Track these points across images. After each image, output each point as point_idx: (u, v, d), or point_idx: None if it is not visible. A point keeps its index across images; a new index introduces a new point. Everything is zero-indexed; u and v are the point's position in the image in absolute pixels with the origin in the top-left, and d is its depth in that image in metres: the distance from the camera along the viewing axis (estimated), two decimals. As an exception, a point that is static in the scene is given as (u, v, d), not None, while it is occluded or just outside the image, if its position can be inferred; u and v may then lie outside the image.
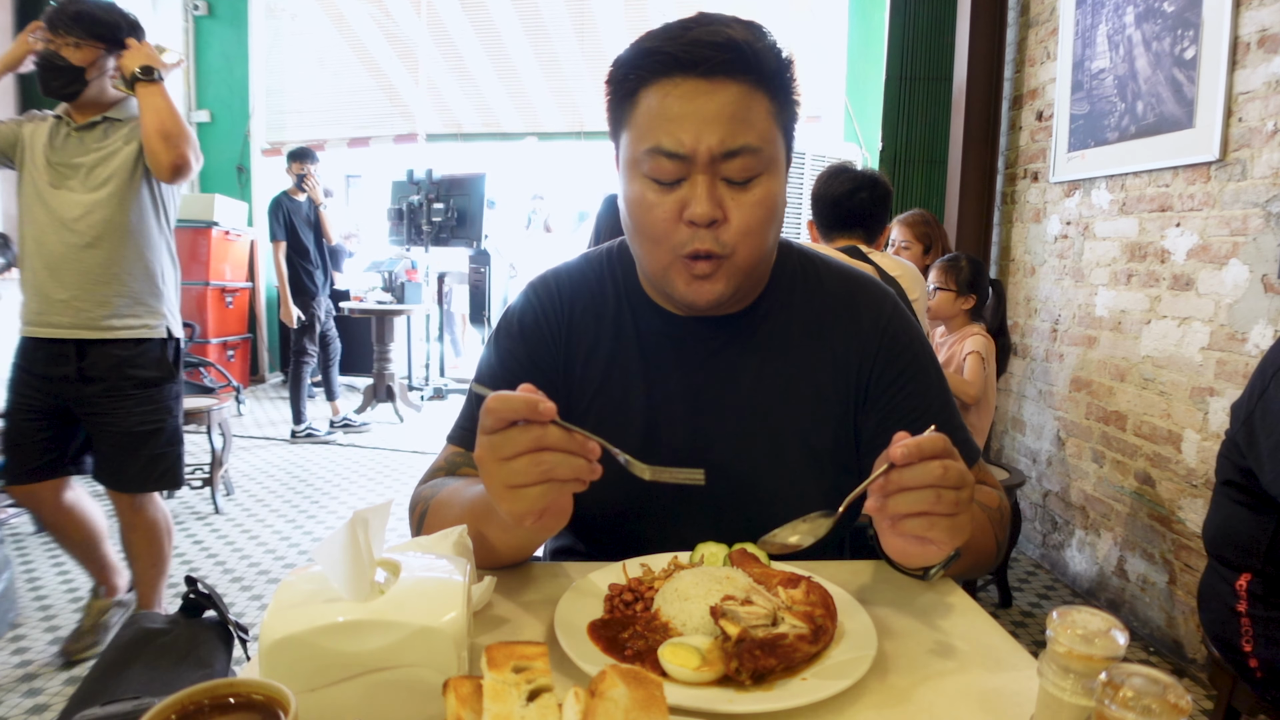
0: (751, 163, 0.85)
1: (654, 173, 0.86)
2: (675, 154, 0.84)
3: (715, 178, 0.85)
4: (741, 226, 0.86)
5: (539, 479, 0.68)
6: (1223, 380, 2.41)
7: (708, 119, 0.83)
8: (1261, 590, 1.42)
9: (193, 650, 0.87)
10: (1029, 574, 3.34)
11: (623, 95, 0.89)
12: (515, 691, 0.50)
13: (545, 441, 0.68)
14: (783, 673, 0.65)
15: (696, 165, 0.84)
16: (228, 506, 3.88)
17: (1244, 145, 2.35)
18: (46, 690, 2.25)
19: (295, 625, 0.57)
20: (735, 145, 0.83)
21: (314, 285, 5.20)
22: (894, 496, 0.71)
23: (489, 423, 0.69)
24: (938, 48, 4.16)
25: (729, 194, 0.86)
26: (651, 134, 0.85)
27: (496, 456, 0.68)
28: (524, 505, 0.69)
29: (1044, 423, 3.45)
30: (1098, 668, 0.52)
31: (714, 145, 0.83)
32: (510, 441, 0.68)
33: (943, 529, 0.71)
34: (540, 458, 0.68)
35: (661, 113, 0.84)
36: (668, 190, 0.86)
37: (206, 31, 6.72)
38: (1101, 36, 3.03)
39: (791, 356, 0.99)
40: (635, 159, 0.87)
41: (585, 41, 6.24)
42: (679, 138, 0.83)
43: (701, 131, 0.83)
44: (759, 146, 0.85)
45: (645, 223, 0.88)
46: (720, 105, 0.83)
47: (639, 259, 0.95)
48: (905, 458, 0.70)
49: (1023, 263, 3.68)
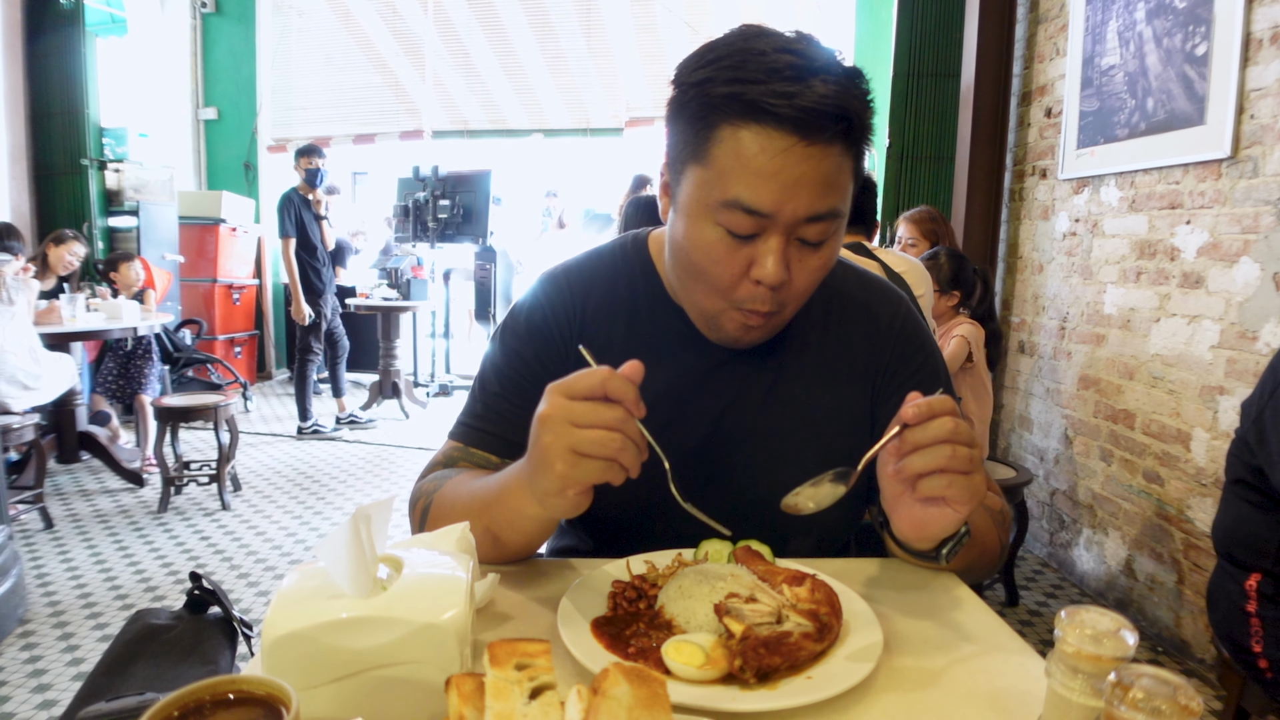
0: (830, 227, 0.81)
1: (729, 224, 0.80)
2: (759, 213, 0.78)
3: (790, 239, 0.81)
4: (801, 287, 0.84)
5: (606, 455, 0.69)
6: (1233, 379, 2.40)
7: (800, 183, 0.77)
8: (1271, 590, 1.41)
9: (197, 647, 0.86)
10: (1036, 572, 3.33)
11: (699, 125, 0.80)
12: (518, 689, 0.49)
13: (626, 428, 0.69)
14: (787, 671, 0.65)
15: (776, 226, 0.79)
16: (235, 502, 3.89)
17: (1256, 142, 2.33)
18: (55, 686, 2.26)
19: (298, 622, 0.57)
20: (822, 210, 0.79)
21: (321, 282, 5.20)
22: (910, 457, 0.71)
23: (582, 389, 0.69)
24: (946, 44, 4.14)
25: (798, 255, 0.82)
26: (735, 185, 0.78)
27: (571, 420, 0.69)
28: (581, 474, 0.70)
29: (1052, 421, 3.43)
30: (1107, 668, 0.51)
31: (800, 210, 0.78)
32: (594, 412, 0.69)
33: (961, 486, 0.71)
34: (614, 437, 0.68)
35: (750, 166, 0.77)
36: (739, 244, 0.81)
37: (214, 29, 6.73)
38: (1112, 32, 3.00)
39: (806, 358, 0.98)
40: (709, 204, 0.80)
41: (592, 39, 6.22)
42: (765, 197, 0.77)
43: (789, 195, 0.77)
44: (842, 210, 0.81)
45: (710, 273, 0.84)
46: (814, 169, 0.77)
47: (689, 298, 0.91)
48: (916, 416, 0.70)
49: (1031, 260, 3.66)
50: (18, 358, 3.44)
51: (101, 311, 4.28)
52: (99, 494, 3.98)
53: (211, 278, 6.29)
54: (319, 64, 6.78)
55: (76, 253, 4.54)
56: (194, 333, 5.68)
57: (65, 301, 4.11)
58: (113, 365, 4.52)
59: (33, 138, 5.64)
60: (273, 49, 6.77)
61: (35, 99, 5.60)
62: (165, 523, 3.59)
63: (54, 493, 3.94)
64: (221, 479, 3.84)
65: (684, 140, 0.82)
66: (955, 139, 4.12)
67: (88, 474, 4.30)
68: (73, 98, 5.60)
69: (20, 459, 3.70)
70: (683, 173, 0.83)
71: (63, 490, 4.02)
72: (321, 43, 6.75)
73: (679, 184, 0.84)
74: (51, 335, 3.83)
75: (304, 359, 5.23)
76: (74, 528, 3.49)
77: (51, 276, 4.51)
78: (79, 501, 3.85)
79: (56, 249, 4.48)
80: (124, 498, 3.93)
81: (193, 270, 6.24)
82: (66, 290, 4.44)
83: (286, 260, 5.05)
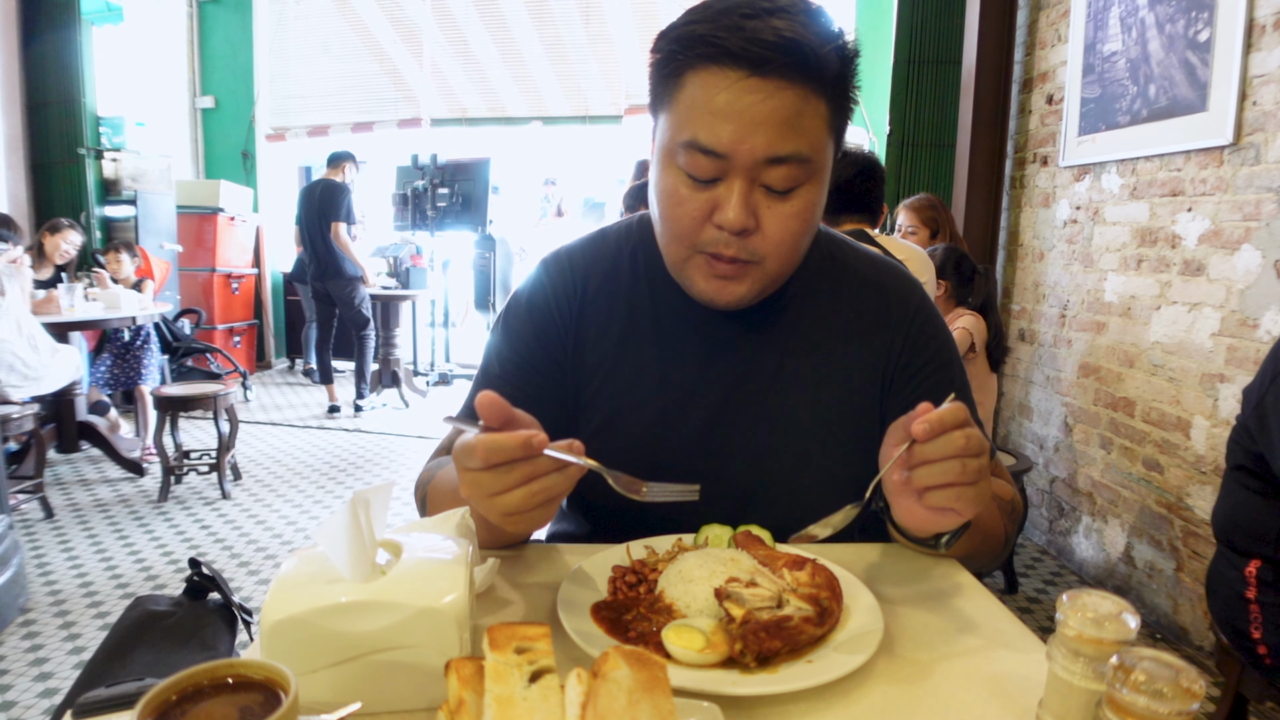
0: (797, 172, 0.79)
1: (689, 167, 0.79)
2: (713, 152, 0.77)
3: (753, 184, 0.79)
4: (775, 237, 0.81)
5: (536, 505, 0.66)
6: (1233, 367, 2.39)
7: (756, 121, 0.75)
8: (1271, 577, 1.41)
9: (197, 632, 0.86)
10: (1035, 560, 3.34)
11: (666, 74, 0.81)
12: (517, 673, 0.49)
13: (538, 471, 0.66)
14: (787, 655, 0.65)
15: (735, 168, 0.78)
16: (235, 491, 3.89)
17: (1258, 129, 2.32)
18: (56, 674, 2.27)
19: (296, 606, 0.57)
20: (783, 152, 0.77)
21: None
22: (919, 470, 0.70)
23: (475, 463, 0.65)
24: (947, 30, 4.11)
25: (765, 202, 0.80)
26: (690, 126, 0.78)
27: (486, 493, 0.66)
28: (527, 526, 0.70)
29: (1052, 408, 3.43)
30: (1108, 651, 0.51)
31: (758, 150, 0.76)
32: (499, 480, 0.65)
33: (968, 499, 0.70)
34: (534, 487, 0.65)
35: (706, 105, 0.77)
36: (701, 188, 0.80)
37: (210, 17, 6.69)
38: (1114, 19, 2.99)
39: (817, 344, 0.96)
40: (671, 148, 0.81)
41: (591, 26, 6.19)
42: (720, 135, 0.76)
43: (746, 133, 0.76)
44: (809, 156, 0.79)
45: (672, 216, 0.83)
46: (771, 109, 0.75)
47: (662, 249, 0.90)
48: (928, 434, 0.69)
49: (1031, 248, 3.65)
50: (15, 347, 3.43)
51: (100, 301, 4.27)
52: (99, 483, 3.99)
53: (210, 267, 6.28)
54: (316, 52, 6.74)
55: (73, 241, 4.53)
56: (193, 322, 5.68)
57: (63, 291, 4.09)
58: (110, 355, 4.51)
59: (29, 127, 5.61)
60: (270, 37, 6.73)
61: (31, 88, 5.57)
62: (165, 512, 3.60)
63: (54, 482, 3.95)
64: (221, 468, 3.84)
65: (656, 93, 0.84)
66: (956, 126, 4.10)
67: (88, 463, 4.30)
68: (69, 87, 5.57)
69: (20, 449, 3.70)
70: (656, 124, 0.85)
71: (63, 480, 4.02)
72: (319, 30, 6.71)
73: (654, 137, 0.86)
74: (50, 325, 3.82)
75: (362, 338, 5.47)
76: (74, 517, 3.50)
77: (48, 266, 4.49)
78: (79, 491, 3.86)
79: (52, 238, 4.47)
80: (124, 487, 3.93)
81: (191, 260, 6.23)
82: (65, 280, 4.43)
83: (344, 242, 5.25)
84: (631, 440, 0.94)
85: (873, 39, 5.37)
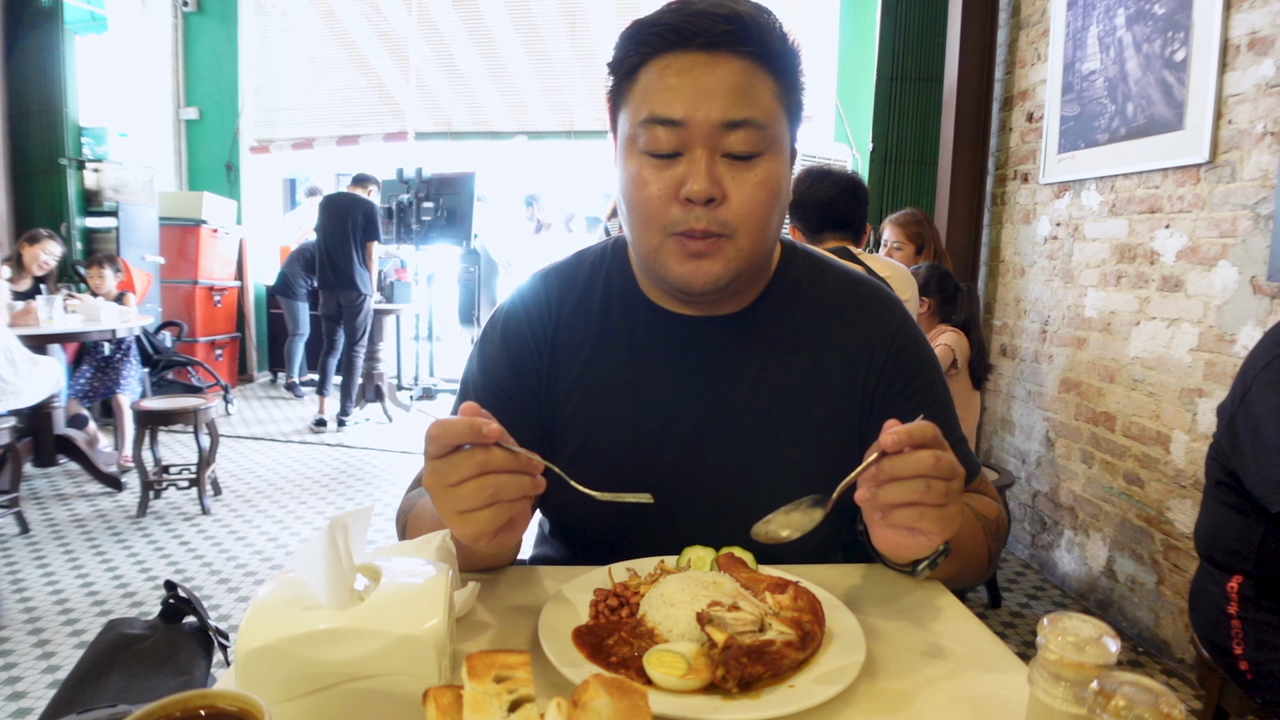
0: (755, 137, 0.81)
1: (650, 145, 0.82)
2: (671, 120, 0.80)
3: (715, 153, 0.81)
4: (743, 206, 0.82)
5: (486, 502, 0.67)
6: (1211, 381, 2.42)
7: (709, 90, 0.80)
8: (1252, 592, 1.42)
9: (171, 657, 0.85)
10: (1018, 574, 3.35)
11: (622, 76, 0.86)
12: (496, 702, 0.48)
13: (490, 465, 0.67)
14: (770, 680, 0.64)
15: (695, 137, 0.80)
16: (215, 507, 3.85)
17: (1234, 147, 2.36)
18: (30, 694, 2.22)
19: (273, 633, 0.56)
20: (738, 117, 0.80)
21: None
22: (884, 486, 0.70)
23: (433, 449, 0.68)
24: (929, 49, 4.16)
25: (729, 171, 0.82)
26: (647, 105, 0.82)
27: (442, 483, 0.68)
28: (475, 529, 0.68)
29: (1033, 423, 3.46)
30: (1089, 675, 0.51)
31: (714, 115, 0.80)
32: (455, 468, 0.67)
33: (933, 519, 0.70)
34: (485, 481, 0.67)
35: (659, 84, 0.81)
36: (664, 165, 0.82)
37: (195, 28, 6.66)
38: (1092, 38, 3.03)
39: (793, 359, 0.95)
40: (631, 135, 0.84)
41: (576, 40, 6.22)
42: (674, 105, 0.80)
43: (700, 100, 0.80)
44: (763, 122, 0.82)
45: (639, 200, 0.84)
46: (722, 78, 0.80)
47: (633, 245, 0.90)
48: (895, 444, 0.69)
49: (1012, 264, 3.69)
50: None
51: (79, 313, 4.22)
52: (76, 498, 3.93)
53: (192, 279, 6.22)
54: (302, 64, 6.72)
55: (52, 252, 4.48)
56: (174, 335, 5.62)
57: (42, 303, 4.04)
58: (90, 368, 4.46)
59: (10, 137, 5.56)
60: (255, 49, 6.71)
61: (13, 97, 5.52)
62: (144, 528, 3.55)
63: (30, 497, 3.88)
64: (201, 483, 3.79)
65: (614, 100, 0.88)
66: (938, 143, 4.14)
67: (65, 478, 4.24)
68: (51, 96, 5.53)
69: (-5, 463, 3.64)
70: (617, 130, 0.88)
71: (39, 494, 3.96)
72: (305, 43, 6.70)
73: (616, 144, 0.89)
74: (28, 337, 3.77)
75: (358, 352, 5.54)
76: (50, 533, 3.44)
77: (27, 277, 4.44)
78: (56, 506, 3.80)
79: (31, 248, 4.41)
80: (102, 502, 3.88)
81: (173, 272, 6.17)
82: (44, 291, 4.38)
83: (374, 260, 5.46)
84: (608, 461, 0.94)
85: (856, 57, 5.43)
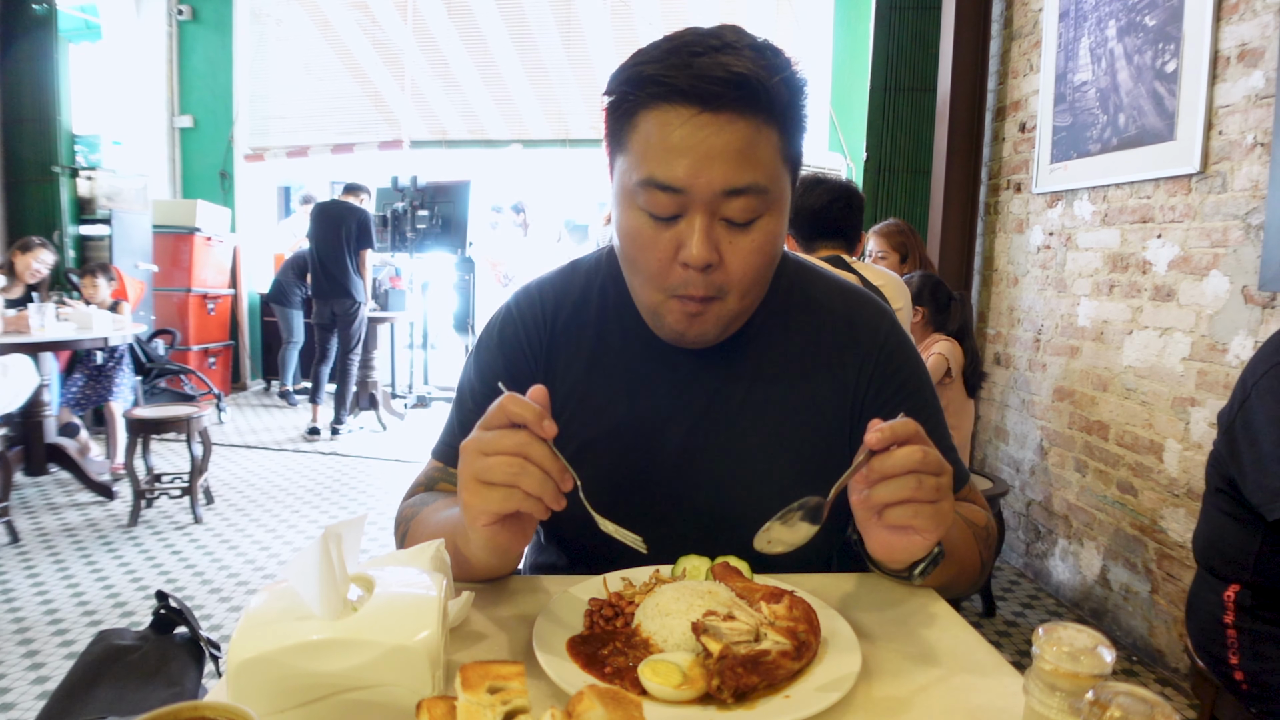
0: (755, 204, 0.80)
1: (649, 206, 0.80)
2: (671, 187, 0.78)
3: (714, 217, 0.80)
4: (737, 272, 0.82)
5: (506, 480, 0.68)
6: (1204, 390, 2.43)
7: (710, 155, 0.77)
8: (1249, 602, 1.42)
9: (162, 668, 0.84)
10: (1012, 583, 3.35)
11: (619, 115, 0.83)
12: (490, 713, 0.48)
13: (528, 452, 0.68)
14: (765, 690, 0.64)
15: (695, 203, 0.79)
16: (207, 516, 3.82)
17: (1224, 158, 2.37)
18: (19, 705, 2.20)
19: (264, 644, 0.56)
20: (739, 184, 0.78)
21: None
22: (876, 486, 0.71)
23: (492, 418, 0.70)
24: (922, 59, 4.19)
25: (726, 236, 0.81)
26: (646, 164, 0.79)
27: (479, 448, 0.69)
28: (482, 502, 0.69)
29: (1027, 432, 3.47)
30: (1084, 686, 0.51)
31: (716, 183, 0.78)
32: (498, 440, 0.69)
33: (926, 516, 0.71)
34: (515, 462, 0.68)
35: (660, 142, 0.78)
36: (663, 226, 0.81)
37: (190, 36, 6.66)
38: (1084, 49, 3.05)
39: (786, 374, 0.96)
40: (630, 189, 0.82)
41: (571, 49, 6.23)
42: (676, 170, 0.78)
43: (702, 168, 0.77)
44: (765, 187, 0.80)
45: (639, 259, 0.84)
46: (725, 142, 0.77)
47: (634, 293, 0.90)
48: (880, 442, 0.70)
49: (1006, 273, 3.70)
50: None
51: (72, 321, 4.20)
52: (67, 507, 3.90)
53: (186, 287, 6.21)
54: (297, 73, 6.73)
55: (44, 260, 4.47)
56: (167, 343, 5.60)
57: (34, 310, 4.02)
58: (83, 375, 4.44)
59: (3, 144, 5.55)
60: (250, 57, 6.71)
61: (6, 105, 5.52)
62: (136, 537, 3.52)
63: (20, 506, 3.85)
64: (194, 492, 3.77)
65: (611, 134, 0.85)
66: (931, 153, 4.16)
67: (56, 487, 4.21)
68: (45, 104, 5.52)
69: (-15, 472, 3.62)
70: (614, 165, 0.86)
71: (29, 503, 3.93)
72: (299, 51, 6.70)
73: (612, 177, 0.87)
74: (20, 345, 3.75)
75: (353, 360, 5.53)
76: (41, 542, 3.42)
77: (19, 285, 4.42)
78: (46, 515, 3.77)
79: (23, 256, 4.40)
80: (93, 511, 3.85)
81: (167, 280, 6.15)
82: (36, 299, 4.36)
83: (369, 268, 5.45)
84: (601, 471, 0.93)
85: (850, 67, 5.46)
